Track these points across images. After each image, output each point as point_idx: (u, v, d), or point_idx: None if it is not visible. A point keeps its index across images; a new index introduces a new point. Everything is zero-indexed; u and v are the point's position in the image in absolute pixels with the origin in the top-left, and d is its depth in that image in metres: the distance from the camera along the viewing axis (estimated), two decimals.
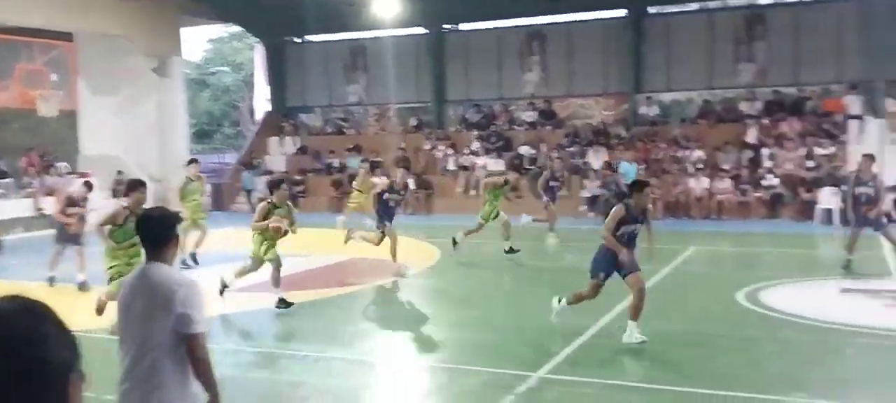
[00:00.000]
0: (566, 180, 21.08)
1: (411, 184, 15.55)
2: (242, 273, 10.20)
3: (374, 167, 20.52)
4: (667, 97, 26.60)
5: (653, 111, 26.47)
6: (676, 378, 7.18)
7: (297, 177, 26.65)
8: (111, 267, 8.47)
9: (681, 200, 22.42)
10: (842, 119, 23.35)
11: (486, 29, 28.82)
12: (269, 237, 9.78)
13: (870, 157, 13.06)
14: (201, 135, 44.83)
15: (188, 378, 3.68)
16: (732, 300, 10.47)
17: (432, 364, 7.81)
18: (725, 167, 22.73)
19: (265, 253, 9.87)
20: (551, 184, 17.32)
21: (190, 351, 3.64)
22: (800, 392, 6.59)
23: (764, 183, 21.52)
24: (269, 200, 10.10)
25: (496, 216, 14.78)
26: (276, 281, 9.91)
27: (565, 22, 28.07)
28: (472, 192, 23.93)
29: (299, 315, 9.90)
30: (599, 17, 27.59)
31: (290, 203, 10.50)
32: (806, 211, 20.63)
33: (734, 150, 23.14)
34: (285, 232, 9.76)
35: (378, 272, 12.96)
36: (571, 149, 25.19)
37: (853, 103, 23.44)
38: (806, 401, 6.42)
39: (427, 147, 27.39)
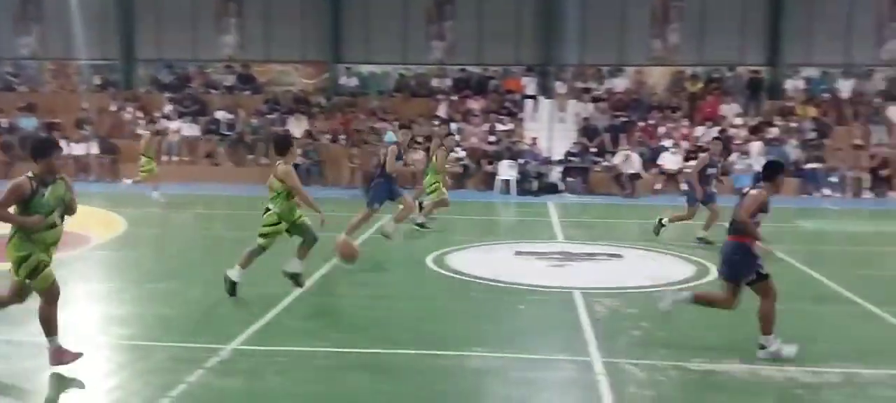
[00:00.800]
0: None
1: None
2: None
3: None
4: (365, 69, 27.23)
5: (352, 82, 26.97)
6: (367, 340, 7.45)
7: None
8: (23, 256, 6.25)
9: None
10: (519, 98, 25.59)
11: None
12: None
13: (719, 140, 14.82)
14: None
15: None
16: (422, 264, 11.12)
17: (115, 342, 7.34)
18: (419, 139, 23.82)
19: None
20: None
21: None
22: (480, 347, 7.17)
23: (453, 155, 22.90)
24: None
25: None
26: None
27: None
28: (166, 158, 22.75)
29: None
30: None
31: None
32: (488, 181, 22.36)
33: (427, 124, 24.30)
34: None
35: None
36: (271, 116, 24.87)
37: (529, 84, 25.80)
38: (483, 353, 7.00)
39: (113, 108, 25.48)
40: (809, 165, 22.03)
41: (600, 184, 22.06)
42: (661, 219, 13.49)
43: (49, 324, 6.32)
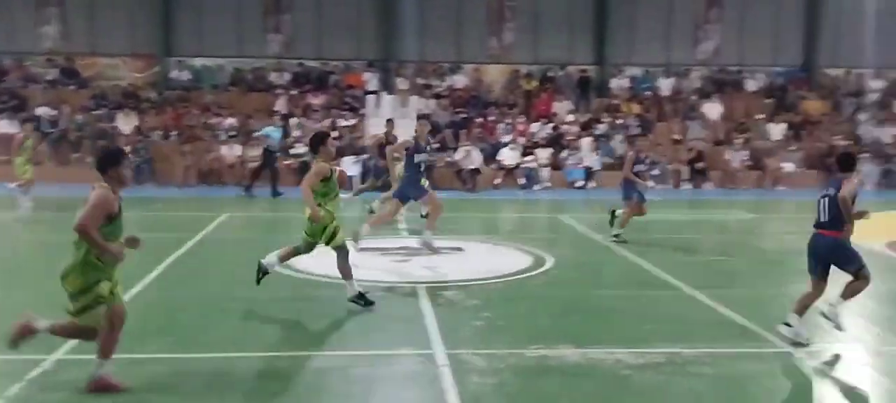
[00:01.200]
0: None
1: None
2: None
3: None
4: (198, 62, 26.28)
5: (184, 76, 25.96)
6: (202, 345, 7.21)
7: None
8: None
9: (214, 167, 22.42)
10: (361, 93, 25.55)
11: None
12: None
13: (641, 136, 14.99)
14: None
15: None
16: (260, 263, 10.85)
17: None
18: (257, 135, 23.27)
19: None
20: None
21: None
22: (318, 346, 7.11)
23: (293, 151, 22.55)
24: None
25: None
26: None
27: None
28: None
29: None
30: None
31: None
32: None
33: (265, 119, 23.79)
34: None
35: None
36: (98, 112, 23.51)
37: (371, 79, 25.80)
38: (323, 352, 6.94)
39: None
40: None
41: (442, 180, 22.40)
42: (613, 210, 13.52)
43: (105, 347, 5.80)
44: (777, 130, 25.05)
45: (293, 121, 23.75)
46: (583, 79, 26.58)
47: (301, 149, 22.20)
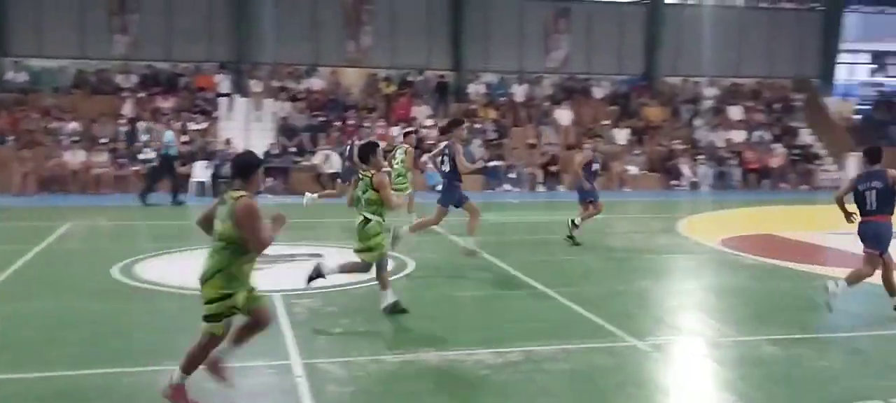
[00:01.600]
0: None
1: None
2: None
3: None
4: (37, 63, 24.69)
5: (21, 77, 24.35)
6: (43, 362, 6.76)
7: None
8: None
9: (56, 174, 21.14)
10: (213, 96, 24.80)
11: None
12: None
13: (600, 137, 14.94)
14: None
15: None
16: (107, 274, 10.33)
17: None
18: (102, 140, 22.17)
19: None
20: None
21: None
22: (171, 360, 6.80)
23: (141, 157, 21.59)
24: None
25: None
26: None
27: None
28: None
29: None
30: None
31: None
32: (182, 184, 21.34)
33: (111, 123, 22.70)
34: None
35: None
36: None
37: (223, 82, 25.09)
38: (175, 366, 6.65)
39: None
40: (491, 163, 23.89)
41: (301, 184, 22.06)
42: (572, 220, 13.44)
43: (192, 361, 5.69)
44: (622, 135, 26.30)
45: (141, 124, 22.73)
46: (441, 84, 26.92)
47: (150, 154, 21.31)
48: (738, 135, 27.32)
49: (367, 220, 8.20)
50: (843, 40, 32.31)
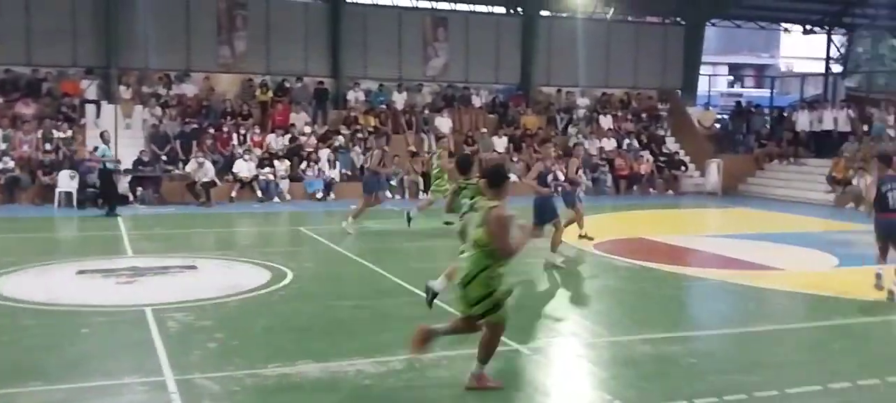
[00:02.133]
0: None
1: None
2: None
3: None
4: None
5: None
6: None
7: None
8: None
9: None
10: (78, 103, 23.58)
11: None
12: None
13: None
14: None
15: None
16: None
17: None
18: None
19: None
20: None
21: None
22: (36, 381, 6.41)
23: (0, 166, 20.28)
24: None
25: None
26: None
27: None
28: None
29: None
30: None
31: None
32: (45, 194, 20.25)
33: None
34: None
35: None
36: None
37: (89, 87, 23.90)
38: (43, 388, 6.27)
39: None
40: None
41: (173, 194, 21.30)
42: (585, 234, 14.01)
43: (488, 351, 6.34)
44: (500, 143, 26.79)
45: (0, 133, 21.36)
46: (319, 90, 26.61)
47: (10, 163, 20.08)
48: (609, 144, 28.35)
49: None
50: (704, 53, 34.10)
